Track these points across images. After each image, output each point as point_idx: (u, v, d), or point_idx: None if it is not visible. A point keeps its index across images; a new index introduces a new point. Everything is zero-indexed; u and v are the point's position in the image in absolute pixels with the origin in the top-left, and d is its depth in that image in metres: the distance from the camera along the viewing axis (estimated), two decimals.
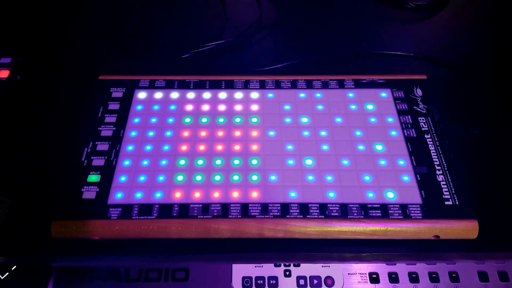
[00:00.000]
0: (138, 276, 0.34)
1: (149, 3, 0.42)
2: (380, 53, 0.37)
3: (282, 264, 0.34)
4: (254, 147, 0.28)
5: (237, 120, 0.30)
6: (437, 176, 0.26)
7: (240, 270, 0.34)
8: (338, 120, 0.30)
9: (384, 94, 0.31)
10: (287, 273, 0.33)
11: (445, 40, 0.39)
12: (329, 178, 0.26)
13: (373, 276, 0.34)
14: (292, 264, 0.34)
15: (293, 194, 0.26)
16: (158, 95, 0.31)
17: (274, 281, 0.33)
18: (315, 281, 0.33)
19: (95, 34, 0.38)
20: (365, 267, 0.34)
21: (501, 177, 0.28)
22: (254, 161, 0.27)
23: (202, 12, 0.41)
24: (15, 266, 0.32)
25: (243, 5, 0.42)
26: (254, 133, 0.29)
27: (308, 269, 0.34)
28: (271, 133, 0.29)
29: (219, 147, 0.28)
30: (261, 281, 0.33)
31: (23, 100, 0.33)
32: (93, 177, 0.26)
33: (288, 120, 0.30)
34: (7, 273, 0.32)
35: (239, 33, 0.38)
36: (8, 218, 0.26)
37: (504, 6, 0.43)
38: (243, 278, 0.33)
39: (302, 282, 0.33)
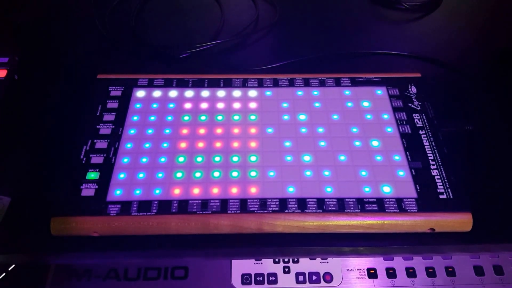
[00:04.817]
0: (137, 275, 0.34)
1: (148, 2, 0.42)
2: (375, 52, 0.37)
3: (281, 261, 0.34)
4: (253, 144, 0.28)
5: (236, 117, 0.30)
6: (431, 170, 0.27)
7: (239, 267, 0.34)
8: (335, 117, 0.30)
9: (380, 91, 0.32)
10: (286, 269, 0.34)
11: (439, 39, 0.39)
12: (326, 173, 0.27)
13: (371, 271, 0.34)
14: (291, 261, 0.34)
15: (291, 190, 0.26)
16: (157, 93, 0.31)
17: (273, 278, 0.33)
18: (314, 277, 0.33)
19: (93, 33, 0.39)
20: (363, 263, 0.35)
21: (494, 171, 0.29)
22: (253, 158, 0.27)
23: (200, 12, 0.42)
24: (13, 266, 0.31)
25: (239, 6, 0.43)
26: (253, 130, 0.29)
27: (307, 265, 0.34)
28: (269, 130, 0.29)
29: (218, 144, 0.28)
30: (260, 278, 0.33)
31: (21, 99, 0.33)
32: (92, 175, 0.26)
33: (286, 117, 0.30)
34: (4, 273, 0.31)
35: (236, 33, 0.39)
36: (7, 216, 0.26)
37: (495, 5, 0.44)
38: (243, 275, 0.34)
39: (301, 278, 0.33)
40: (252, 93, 0.32)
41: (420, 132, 0.29)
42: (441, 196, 0.26)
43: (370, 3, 0.43)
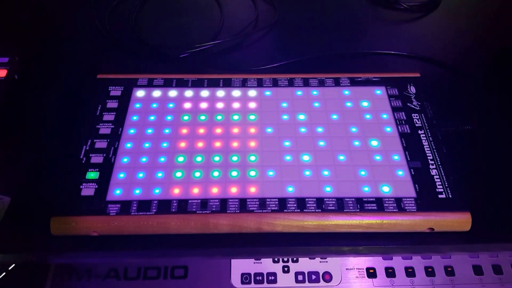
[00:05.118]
0: (137, 274, 0.34)
1: (148, 2, 0.42)
2: (375, 52, 0.37)
3: (280, 260, 0.34)
4: (252, 144, 0.28)
5: (235, 117, 0.30)
6: (430, 170, 0.27)
7: (238, 267, 0.34)
8: (334, 117, 0.30)
9: (379, 91, 0.32)
10: (286, 269, 0.34)
11: (438, 39, 0.40)
12: (325, 173, 0.27)
13: (370, 271, 0.34)
14: (290, 260, 0.34)
15: (290, 189, 0.26)
16: (157, 93, 0.32)
17: (272, 277, 0.33)
18: (313, 277, 0.33)
19: (93, 33, 0.39)
20: (363, 262, 0.35)
21: (493, 170, 0.29)
22: (252, 157, 0.28)
23: (200, 12, 0.42)
24: (13, 265, 0.31)
25: (239, 6, 0.43)
26: (252, 130, 0.29)
27: (306, 264, 0.34)
28: (269, 130, 0.29)
29: (218, 144, 0.28)
30: (260, 277, 0.33)
31: (21, 99, 0.33)
32: (92, 174, 0.26)
33: (285, 117, 0.30)
34: (4, 273, 0.32)
35: (236, 33, 0.39)
36: (7, 216, 0.26)
37: (493, 6, 0.44)
38: (242, 274, 0.34)
39: (300, 277, 0.33)
40: (252, 93, 0.32)
41: (419, 132, 0.29)
42: (440, 196, 0.26)
43: (370, 3, 0.43)
